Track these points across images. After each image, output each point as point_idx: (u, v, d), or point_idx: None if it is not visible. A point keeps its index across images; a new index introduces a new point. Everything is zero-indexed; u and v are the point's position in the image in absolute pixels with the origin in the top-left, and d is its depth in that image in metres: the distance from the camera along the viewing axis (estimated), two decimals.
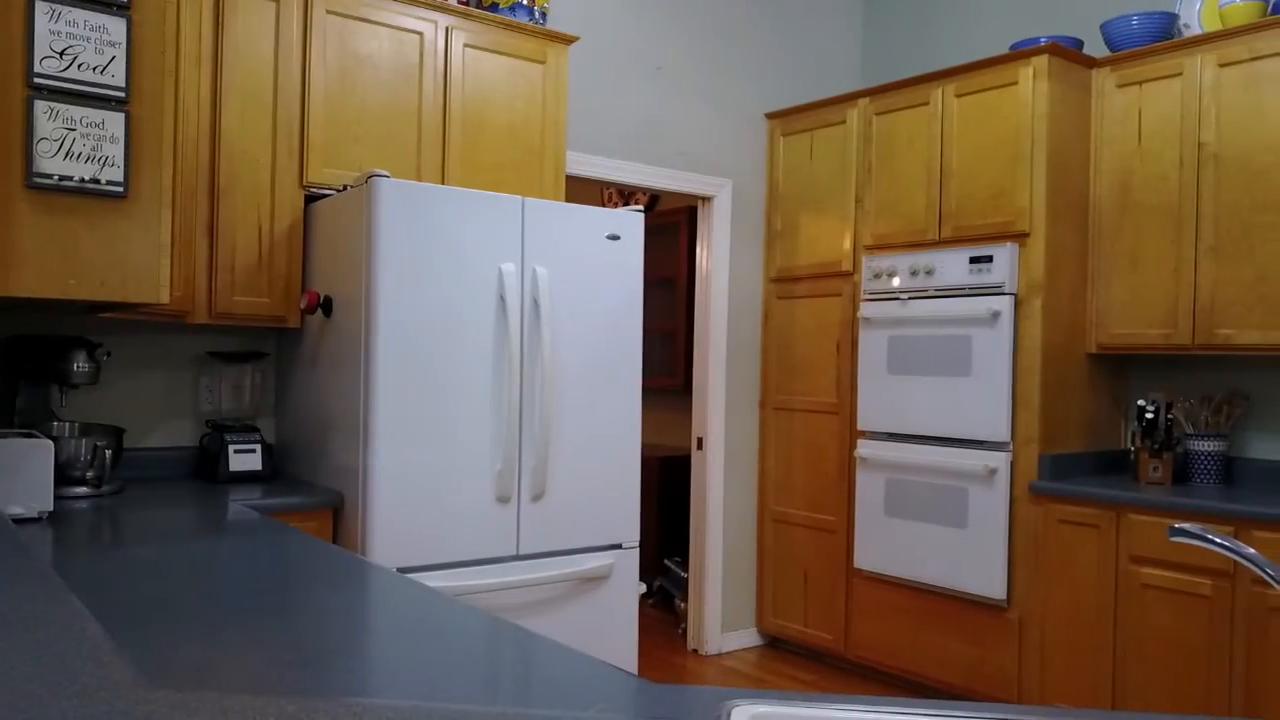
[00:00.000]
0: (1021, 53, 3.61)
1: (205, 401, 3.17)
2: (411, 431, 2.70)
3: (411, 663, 1.41)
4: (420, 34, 3.20)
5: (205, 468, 3.03)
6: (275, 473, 3.10)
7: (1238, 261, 3.27)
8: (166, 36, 2.21)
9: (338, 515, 2.79)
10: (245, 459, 2.97)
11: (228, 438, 2.97)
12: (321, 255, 2.99)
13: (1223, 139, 3.32)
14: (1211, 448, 3.48)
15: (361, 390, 2.69)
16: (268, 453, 3.03)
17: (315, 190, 3.03)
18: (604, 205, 5.83)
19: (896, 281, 3.91)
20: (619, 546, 3.10)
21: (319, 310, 2.91)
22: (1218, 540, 0.77)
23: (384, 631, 1.64)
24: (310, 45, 3.00)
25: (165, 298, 2.26)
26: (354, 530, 2.70)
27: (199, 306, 2.86)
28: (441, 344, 2.75)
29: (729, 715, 1.12)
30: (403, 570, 2.65)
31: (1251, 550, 0.77)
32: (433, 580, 2.70)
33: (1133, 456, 3.56)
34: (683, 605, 4.68)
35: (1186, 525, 0.78)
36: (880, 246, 4.07)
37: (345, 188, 2.91)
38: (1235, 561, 2.98)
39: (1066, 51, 3.59)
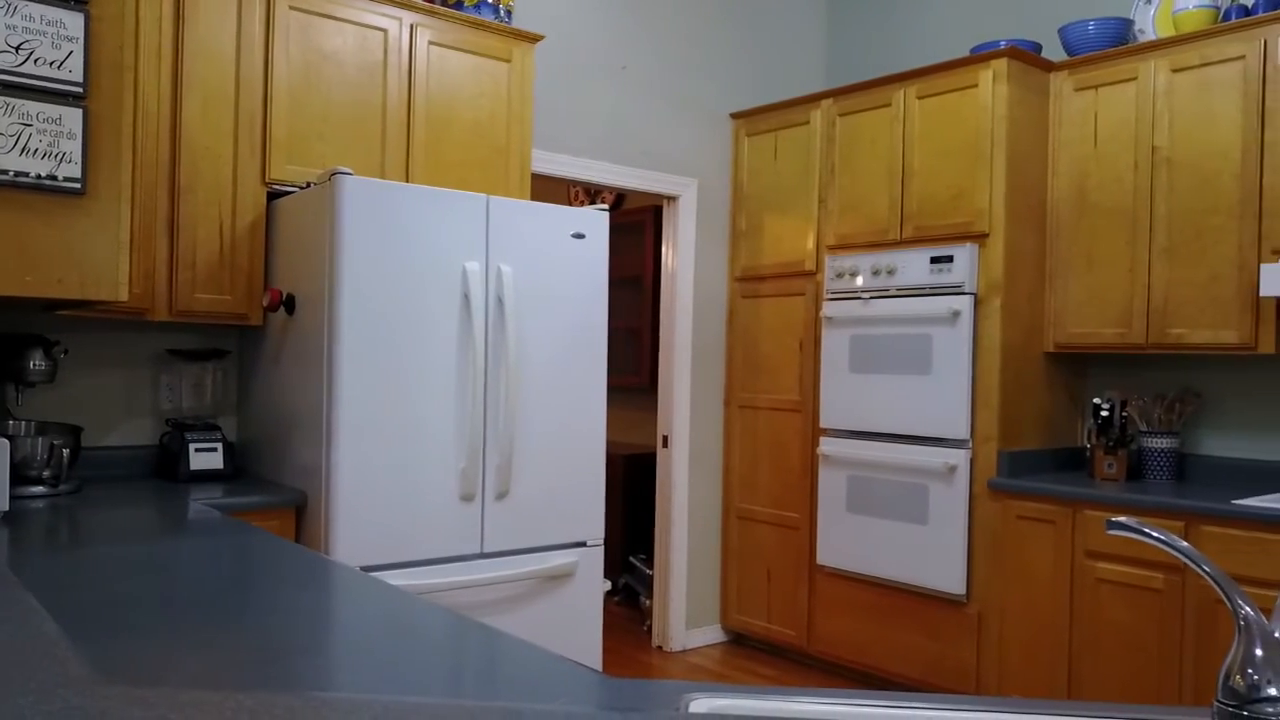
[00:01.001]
0: (981, 56, 3.66)
1: (165, 400, 3.13)
2: (375, 430, 2.70)
3: (375, 660, 1.41)
4: (385, 31, 3.19)
5: (165, 467, 3.01)
6: (237, 471, 3.08)
7: (1190, 263, 3.34)
8: (125, 31, 2.19)
9: (301, 514, 2.77)
10: (206, 458, 2.95)
11: (188, 436, 2.94)
12: (284, 252, 2.97)
13: (1175, 143, 3.39)
14: (1164, 445, 3.55)
15: (324, 388, 2.68)
16: (229, 451, 3.01)
17: (278, 187, 3.01)
18: (571, 204, 5.84)
19: (859, 281, 3.95)
20: (583, 544, 3.11)
21: (281, 308, 2.90)
22: (1153, 534, 0.80)
23: (347, 630, 1.64)
24: (273, 41, 2.98)
25: (124, 295, 2.24)
26: (317, 529, 2.69)
27: (159, 304, 2.83)
28: (405, 342, 2.75)
29: (687, 707, 1.14)
30: (366, 569, 2.64)
31: (1185, 544, 0.80)
32: (397, 579, 2.70)
33: (1088, 453, 3.63)
34: (648, 602, 4.70)
35: (1123, 519, 0.81)
36: (843, 246, 4.11)
37: (308, 185, 2.90)
38: None
39: (1025, 55, 3.65)
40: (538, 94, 3.82)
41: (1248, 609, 0.74)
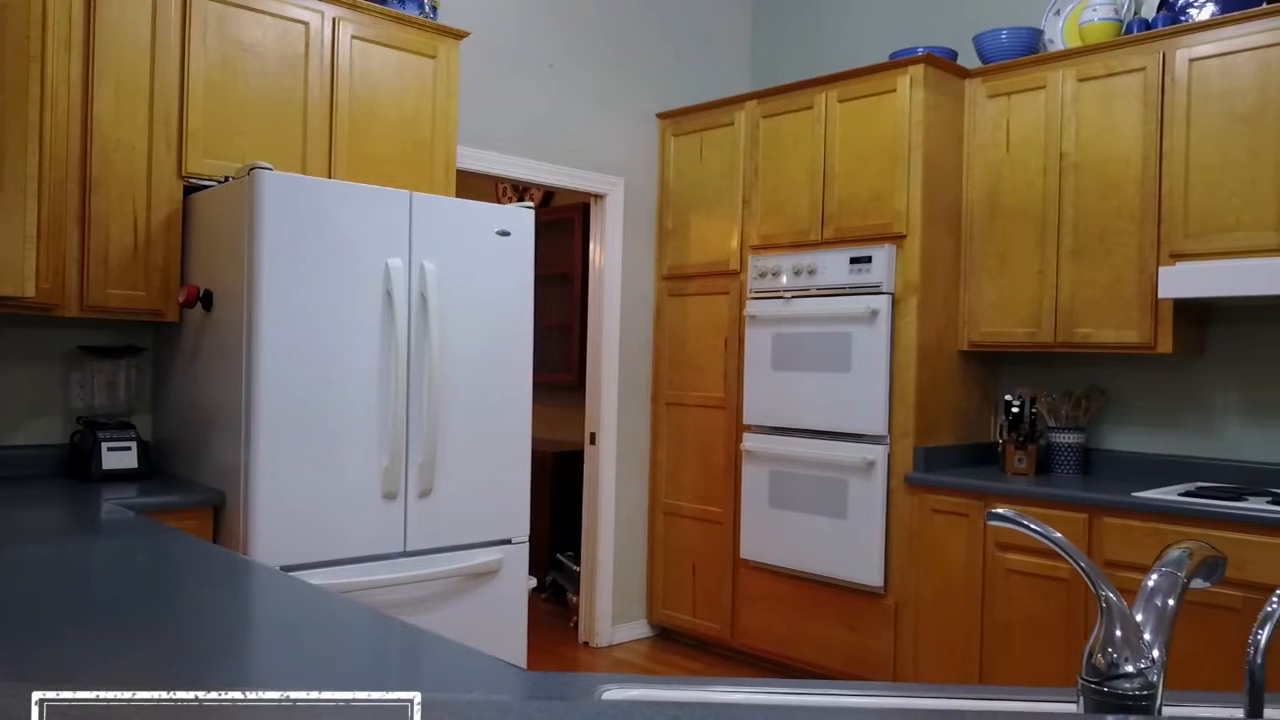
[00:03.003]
0: (899, 62, 3.76)
1: (76, 398, 3.05)
2: (295, 428, 2.67)
3: (293, 658, 1.41)
4: (306, 24, 3.15)
5: (77, 466, 2.93)
6: (153, 471, 3.01)
7: (1095, 264, 3.48)
8: (32, 20, 2.13)
9: (219, 514, 2.73)
10: (120, 457, 2.88)
11: (101, 435, 2.87)
12: (201, 247, 2.92)
13: (1081, 149, 3.53)
14: (1071, 440, 3.70)
15: (243, 386, 2.64)
16: (144, 450, 2.95)
17: (195, 181, 2.95)
18: (499, 200, 5.81)
19: (781, 281, 4.03)
20: (508, 542, 3.12)
21: (198, 304, 2.85)
22: (1030, 525, 0.85)
23: (265, 628, 1.63)
24: (190, 32, 2.92)
25: (30, 290, 2.18)
26: (235, 529, 2.66)
27: (69, 299, 2.76)
28: (326, 339, 2.73)
29: (600, 698, 1.17)
30: (287, 569, 2.61)
31: (1059, 535, 0.85)
32: (318, 578, 2.67)
33: (1000, 449, 3.76)
34: (575, 599, 4.72)
35: (1002, 510, 0.86)
36: (766, 246, 4.18)
37: (227, 179, 2.86)
38: (1089, 547, 3.19)
39: (941, 62, 3.75)
40: (465, 90, 3.80)
41: (1109, 594, 0.80)
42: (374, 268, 2.81)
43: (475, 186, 4.26)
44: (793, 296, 3.98)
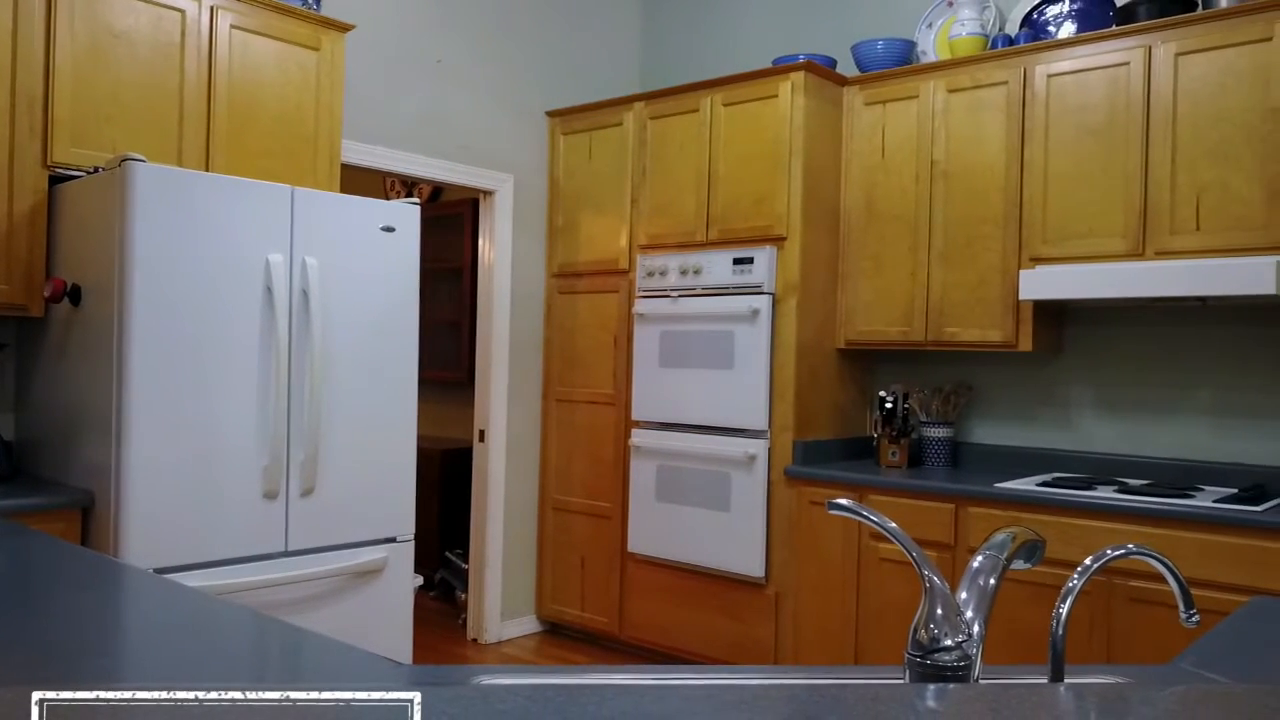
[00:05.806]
0: (781, 68, 3.88)
1: None
2: (169, 426, 2.61)
3: (166, 659, 1.40)
4: (182, 11, 3.07)
5: None
6: (16, 472, 2.89)
7: (962, 267, 3.67)
8: None
9: (87, 515, 2.65)
10: None
11: None
12: (69, 240, 2.81)
13: (951, 157, 3.71)
14: (941, 434, 3.89)
15: (114, 383, 2.56)
16: (6, 451, 2.83)
17: (62, 171, 2.84)
18: (387, 196, 5.74)
19: (668, 280, 4.10)
20: (393, 540, 3.11)
21: (65, 299, 2.75)
22: (866, 515, 0.92)
23: (137, 630, 1.61)
24: (56, 16, 2.81)
25: None
26: (106, 531, 2.58)
27: None
28: (203, 336, 2.67)
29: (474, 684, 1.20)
30: (161, 570, 2.55)
31: (894, 525, 0.93)
32: (195, 580, 2.62)
33: (875, 442, 3.92)
34: (464, 597, 4.71)
35: (842, 500, 0.93)
36: (653, 246, 4.25)
37: (96, 170, 2.76)
38: (955, 534, 3.37)
39: (820, 69, 3.89)
40: (352, 84, 3.75)
41: (933, 576, 0.88)
42: (254, 263, 2.76)
43: (362, 182, 4.22)
44: (679, 295, 4.06)
